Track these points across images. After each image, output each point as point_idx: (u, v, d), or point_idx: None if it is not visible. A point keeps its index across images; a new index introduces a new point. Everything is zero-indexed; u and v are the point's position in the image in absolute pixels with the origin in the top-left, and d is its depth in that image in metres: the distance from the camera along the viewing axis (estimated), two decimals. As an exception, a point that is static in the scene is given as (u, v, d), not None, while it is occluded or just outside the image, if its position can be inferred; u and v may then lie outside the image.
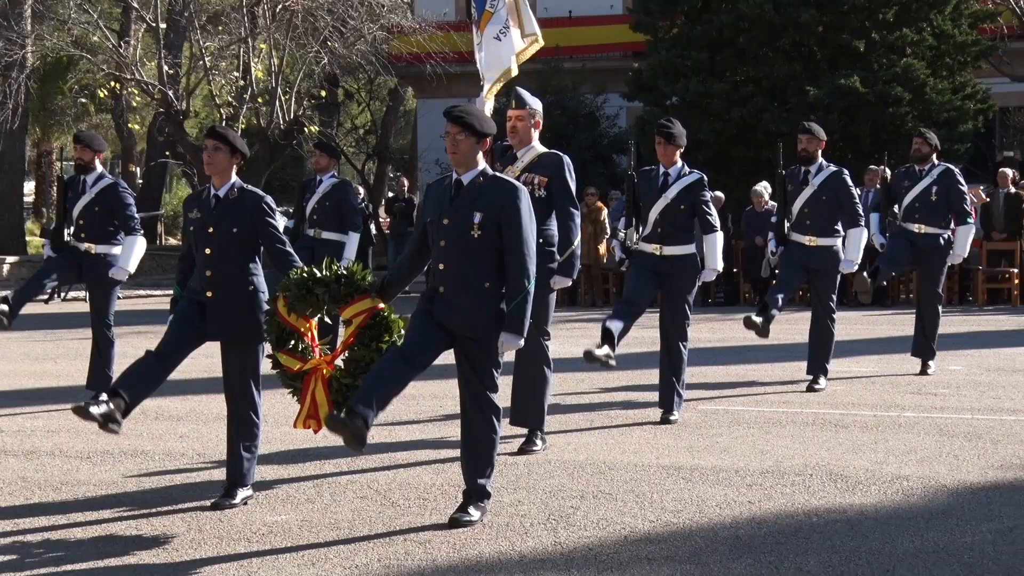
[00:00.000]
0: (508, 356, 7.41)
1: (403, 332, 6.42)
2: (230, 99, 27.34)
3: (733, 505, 6.77)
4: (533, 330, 8.04)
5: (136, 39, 29.78)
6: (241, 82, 26.99)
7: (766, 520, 6.48)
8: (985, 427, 8.85)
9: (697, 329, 16.12)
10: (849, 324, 15.94)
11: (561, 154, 8.27)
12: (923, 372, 11.43)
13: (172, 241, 37.45)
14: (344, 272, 6.44)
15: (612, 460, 7.97)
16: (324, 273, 6.43)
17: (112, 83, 28.61)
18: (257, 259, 7.01)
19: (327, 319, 6.83)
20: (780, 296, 10.49)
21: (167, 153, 33.60)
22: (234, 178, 7.01)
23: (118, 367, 10.56)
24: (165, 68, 26.62)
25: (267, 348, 6.82)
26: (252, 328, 6.85)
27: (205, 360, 7.08)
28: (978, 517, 6.45)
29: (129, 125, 35.52)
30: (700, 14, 23.21)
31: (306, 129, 28.06)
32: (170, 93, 26.65)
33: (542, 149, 8.30)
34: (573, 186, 8.23)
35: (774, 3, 22.17)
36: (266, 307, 6.74)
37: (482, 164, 6.43)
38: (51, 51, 30.18)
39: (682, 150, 9.46)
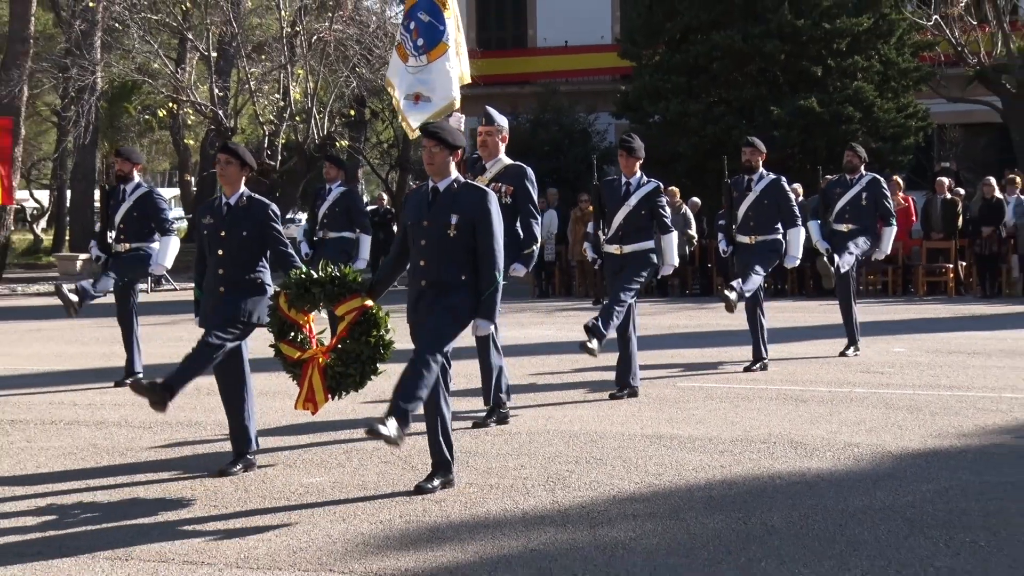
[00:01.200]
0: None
1: (389, 327, 6.34)
2: (272, 118, 27.35)
3: (707, 469, 6.77)
4: None
5: (191, 66, 29.80)
6: (281, 103, 26.99)
7: (736, 482, 6.47)
8: (925, 401, 8.84)
9: (676, 317, 16.14)
10: (808, 312, 15.94)
11: (524, 166, 8.13)
12: (843, 354, 11.32)
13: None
14: (337, 274, 6.37)
15: (602, 430, 7.96)
16: (320, 274, 6.37)
17: (170, 104, 28.59)
18: (264, 259, 6.91)
19: (323, 314, 6.74)
20: (739, 283, 10.24)
21: (215, 165, 33.58)
22: (243, 188, 6.93)
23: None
24: (216, 91, 26.65)
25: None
26: (255, 319, 6.77)
27: (251, 342, 7.06)
28: (919, 479, 6.45)
29: (185, 140, 35.55)
30: (679, 44, 23.18)
31: (337, 144, 28.05)
32: (220, 112, 26.67)
33: (508, 161, 8.17)
34: (535, 194, 8.10)
35: (743, 35, 22.15)
36: (269, 303, 6.67)
37: (455, 173, 6.33)
38: (118, 76, 30.17)
39: (641, 162, 9.34)
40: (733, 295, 10.02)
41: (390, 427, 5.76)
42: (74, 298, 9.74)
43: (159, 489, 6.55)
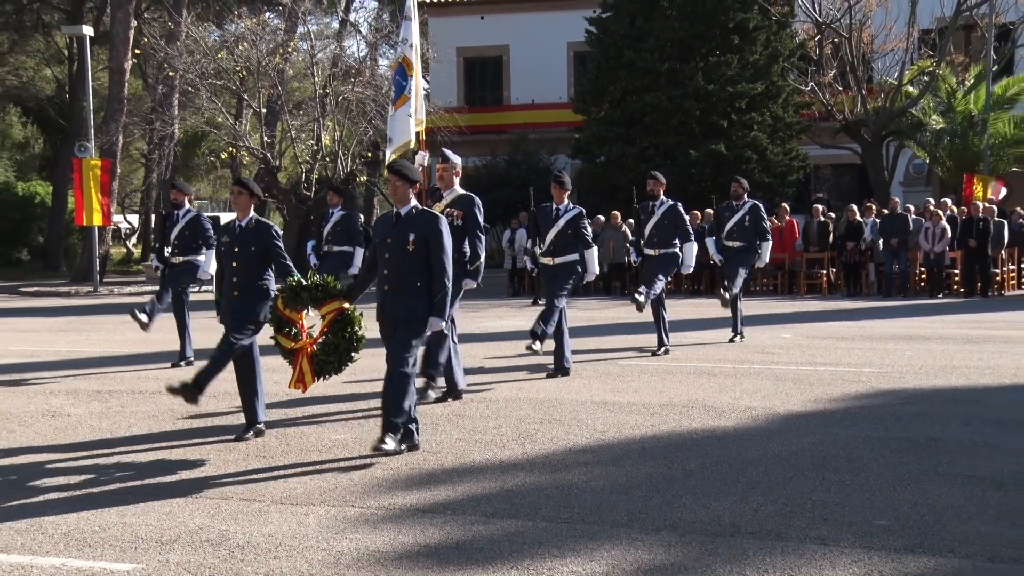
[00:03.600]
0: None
1: (363, 324, 6.23)
2: (307, 158, 27.22)
3: (641, 427, 6.77)
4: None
5: (246, 119, 29.63)
6: (315, 147, 26.87)
7: (662, 437, 6.47)
8: (805, 374, 8.86)
9: (617, 311, 16.12)
10: (716, 307, 15.93)
11: (473, 195, 7.86)
12: (731, 341, 11.22)
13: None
14: (321, 282, 6.28)
15: (561, 397, 7.94)
16: (308, 282, 6.28)
17: (230, 148, 28.43)
18: (269, 270, 6.72)
19: (311, 313, 6.61)
20: (644, 288, 10.12)
21: (266, 195, 33.39)
22: (252, 212, 6.73)
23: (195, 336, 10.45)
24: (265, 138, 26.52)
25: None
26: (263, 318, 6.61)
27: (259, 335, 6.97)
28: (799, 434, 6.47)
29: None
30: (619, 102, 23.21)
31: (358, 179, 27.97)
32: (268, 155, 26.52)
33: (460, 191, 7.91)
34: (481, 218, 7.84)
35: (667, 96, 22.22)
36: (270, 304, 6.55)
37: (414, 201, 6.16)
38: (191, 128, 30.01)
39: (569, 192, 9.15)
40: (641, 298, 9.92)
41: (389, 443, 5.77)
42: (144, 318, 9.81)
43: (221, 444, 6.50)
